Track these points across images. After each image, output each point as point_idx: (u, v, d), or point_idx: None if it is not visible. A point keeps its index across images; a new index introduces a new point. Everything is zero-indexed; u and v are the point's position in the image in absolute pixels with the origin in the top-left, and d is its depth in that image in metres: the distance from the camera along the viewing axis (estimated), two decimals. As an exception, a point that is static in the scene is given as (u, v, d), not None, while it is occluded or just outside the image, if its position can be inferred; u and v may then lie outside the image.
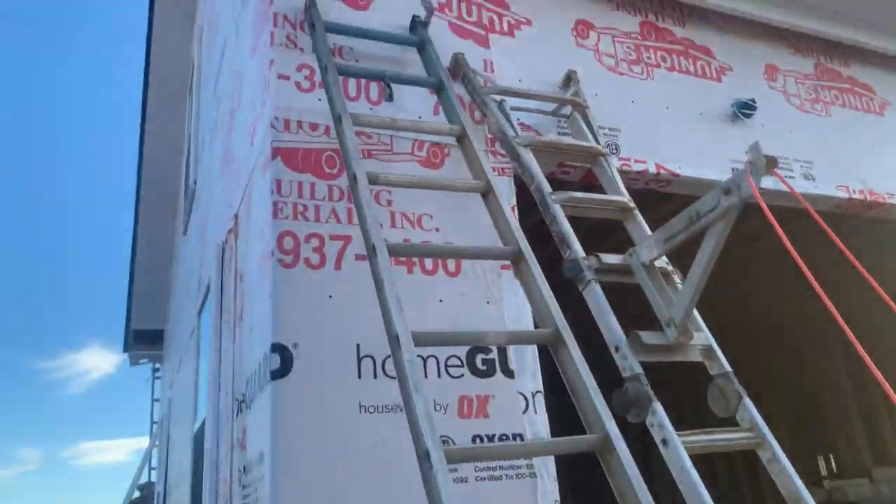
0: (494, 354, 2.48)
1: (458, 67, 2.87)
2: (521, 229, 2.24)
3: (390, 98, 2.55)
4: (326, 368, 2.26)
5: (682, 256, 2.15)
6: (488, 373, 2.46)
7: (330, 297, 2.37)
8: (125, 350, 10.20)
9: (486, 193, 2.25)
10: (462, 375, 2.42)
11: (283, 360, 2.22)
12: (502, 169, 2.78)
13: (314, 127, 2.60)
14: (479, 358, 2.46)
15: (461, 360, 2.43)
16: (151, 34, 7.45)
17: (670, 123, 3.43)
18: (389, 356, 2.33)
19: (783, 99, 3.96)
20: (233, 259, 3.22)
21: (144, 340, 9.91)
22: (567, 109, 3.05)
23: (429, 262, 2.56)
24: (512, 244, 2.16)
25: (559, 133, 3.06)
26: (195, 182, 5.88)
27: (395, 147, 2.71)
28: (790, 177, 3.59)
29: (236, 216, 3.25)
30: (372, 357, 2.34)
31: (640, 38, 3.56)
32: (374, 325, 2.35)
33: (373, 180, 2.11)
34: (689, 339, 2.04)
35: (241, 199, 3.13)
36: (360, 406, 2.25)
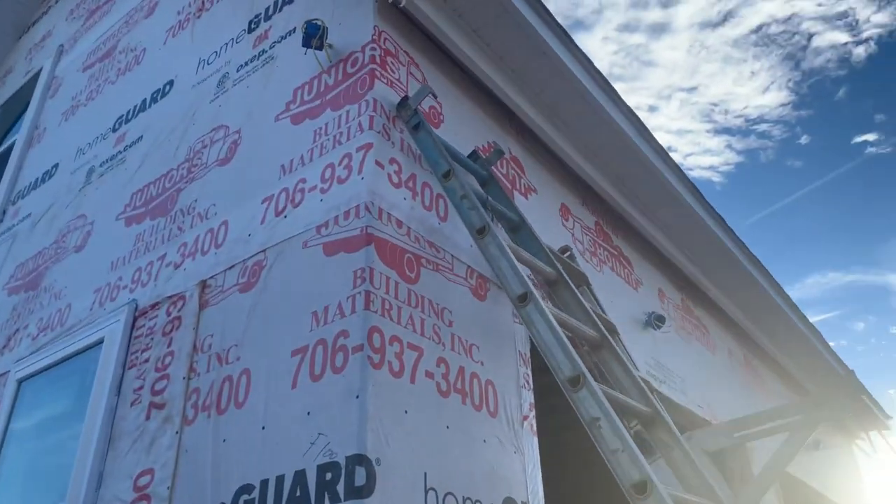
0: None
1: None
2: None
3: (494, 224, 2.51)
4: (398, 496, 1.95)
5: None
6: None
7: (405, 412, 2.11)
8: None
9: (601, 345, 2.27)
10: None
11: (368, 477, 1.88)
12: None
13: (399, 224, 2.43)
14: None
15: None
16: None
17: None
18: (450, 493, 2.11)
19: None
20: (187, 330, 2.66)
21: None
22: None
23: (477, 396, 2.43)
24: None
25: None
26: (16, 212, 4.75)
27: (455, 268, 2.62)
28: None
29: (203, 283, 2.75)
30: (434, 490, 2.08)
31: (594, 234, 4.00)
32: (440, 454, 2.13)
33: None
34: None
35: (226, 269, 2.68)
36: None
